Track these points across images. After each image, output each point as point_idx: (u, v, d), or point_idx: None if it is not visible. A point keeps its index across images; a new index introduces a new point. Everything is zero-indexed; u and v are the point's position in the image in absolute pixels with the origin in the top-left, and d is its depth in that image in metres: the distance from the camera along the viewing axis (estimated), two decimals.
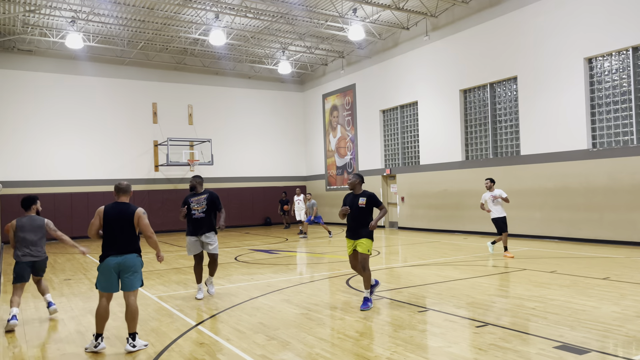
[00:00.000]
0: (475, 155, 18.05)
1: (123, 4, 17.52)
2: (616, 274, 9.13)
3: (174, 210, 23.94)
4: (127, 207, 5.70)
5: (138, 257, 5.70)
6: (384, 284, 9.02)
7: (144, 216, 5.75)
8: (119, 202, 5.77)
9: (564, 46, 14.78)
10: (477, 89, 17.94)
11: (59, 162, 21.80)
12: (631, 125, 13.44)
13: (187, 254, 8.45)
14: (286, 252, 14.43)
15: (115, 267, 5.56)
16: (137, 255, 5.70)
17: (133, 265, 5.61)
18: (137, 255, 5.69)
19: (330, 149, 26.09)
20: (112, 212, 5.66)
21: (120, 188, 5.82)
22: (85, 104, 22.47)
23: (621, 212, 13.38)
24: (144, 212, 5.80)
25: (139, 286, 5.71)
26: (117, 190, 5.82)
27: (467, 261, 11.43)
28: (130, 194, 5.92)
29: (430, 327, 6.07)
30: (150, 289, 9.14)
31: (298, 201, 20.51)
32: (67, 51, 21.58)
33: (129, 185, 5.93)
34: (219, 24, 18.97)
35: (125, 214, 5.65)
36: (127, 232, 5.63)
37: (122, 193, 5.81)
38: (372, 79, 22.77)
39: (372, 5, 17.67)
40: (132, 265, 5.60)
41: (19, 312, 6.96)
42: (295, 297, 8.10)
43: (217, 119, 25.54)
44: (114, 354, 5.47)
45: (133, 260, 5.62)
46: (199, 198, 8.38)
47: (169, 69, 24.52)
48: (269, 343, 5.64)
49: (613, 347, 5.09)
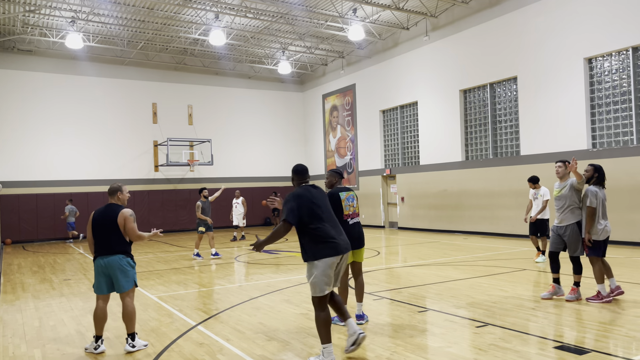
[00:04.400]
0: (475, 155, 18.05)
1: (123, 4, 17.52)
2: (616, 274, 9.11)
3: (174, 211, 23.96)
4: (112, 209, 5.63)
5: (124, 258, 5.56)
6: (384, 284, 9.02)
7: (130, 218, 5.59)
8: (108, 204, 5.74)
9: (564, 46, 14.78)
10: (477, 89, 17.94)
11: (59, 162, 21.80)
12: (631, 126, 13.44)
13: (319, 292, 4.83)
14: (286, 252, 14.43)
15: (102, 268, 5.54)
16: (123, 257, 5.56)
17: (119, 266, 5.52)
18: (123, 256, 5.56)
19: (330, 149, 26.09)
20: (99, 214, 5.65)
21: (108, 190, 5.84)
22: (85, 104, 22.47)
23: (621, 212, 13.38)
24: (131, 213, 5.64)
25: (130, 287, 5.59)
26: (107, 193, 5.86)
27: (467, 261, 11.43)
28: (120, 195, 5.79)
29: (430, 327, 6.07)
30: (150, 289, 9.14)
31: (236, 204, 18.46)
32: (67, 51, 21.58)
33: (115, 186, 5.82)
34: (218, 24, 18.97)
35: (110, 215, 5.58)
36: (112, 233, 5.54)
37: (110, 195, 5.80)
38: (372, 79, 22.77)
39: (372, 5, 17.66)
40: (117, 267, 5.51)
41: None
42: (295, 297, 8.10)
43: (217, 119, 25.54)
44: (114, 354, 5.47)
45: (117, 261, 5.51)
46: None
47: (169, 69, 24.52)
48: (269, 343, 5.64)
49: (613, 347, 5.09)
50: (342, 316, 5.21)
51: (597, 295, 7.07)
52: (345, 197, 6.28)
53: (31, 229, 20.88)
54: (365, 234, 6.46)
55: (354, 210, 6.32)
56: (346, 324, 5.13)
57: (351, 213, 6.28)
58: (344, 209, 6.22)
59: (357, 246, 6.26)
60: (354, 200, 6.37)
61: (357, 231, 6.28)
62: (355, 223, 6.29)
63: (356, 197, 6.47)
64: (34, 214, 20.88)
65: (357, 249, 6.30)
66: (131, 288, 5.61)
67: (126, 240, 5.62)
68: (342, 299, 5.50)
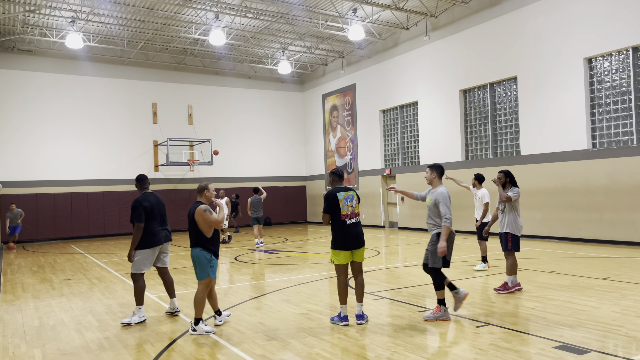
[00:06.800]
0: (475, 155, 18.05)
1: (123, 4, 17.52)
2: (616, 274, 9.13)
3: (174, 211, 23.94)
4: (193, 207, 6.25)
5: (201, 252, 6.17)
6: (384, 284, 9.02)
7: (205, 213, 6.13)
8: (194, 202, 6.36)
9: (564, 46, 14.78)
10: (477, 89, 17.94)
11: (59, 162, 21.79)
12: (631, 125, 13.44)
13: (138, 271, 6.81)
14: (286, 252, 14.43)
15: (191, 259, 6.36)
16: (200, 250, 6.17)
17: (194, 259, 6.22)
18: (200, 249, 6.18)
19: (330, 149, 26.09)
20: (189, 211, 6.32)
21: (197, 188, 6.53)
22: (85, 104, 22.46)
23: (621, 212, 13.39)
24: (205, 208, 6.16)
25: (202, 278, 6.19)
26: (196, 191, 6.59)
27: (466, 261, 11.44)
28: (207, 193, 6.36)
29: (430, 327, 6.07)
30: (150, 289, 9.13)
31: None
32: (67, 51, 21.58)
33: (202, 185, 6.40)
34: (218, 24, 18.97)
35: (190, 213, 6.24)
36: (191, 228, 6.23)
37: (197, 193, 6.47)
38: (372, 79, 22.77)
39: (372, 5, 17.66)
40: (194, 259, 6.23)
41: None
42: (295, 297, 8.10)
43: (217, 119, 25.53)
44: (114, 353, 5.47)
45: (194, 254, 6.22)
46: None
47: (169, 69, 24.51)
48: (269, 343, 5.64)
49: (613, 347, 5.09)
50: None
51: (504, 286, 7.77)
52: (344, 197, 6.27)
53: (31, 228, 20.87)
54: (365, 233, 6.45)
55: (352, 210, 6.29)
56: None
57: (349, 213, 6.26)
58: (341, 209, 6.23)
59: (356, 246, 6.25)
60: (353, 200, 6.33)
61: (356, 231, 6.26)
62: (353, 223, 6.27)
63: (356, 197, 6.43)
64: (34, 214, 20.87)
65: (357, 249, 6.29)
66: (204, 279, 6.16)
67: (203, 235, 6.18)
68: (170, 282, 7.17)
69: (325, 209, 6.30)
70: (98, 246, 18.41)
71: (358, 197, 6.49)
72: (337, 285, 6.34)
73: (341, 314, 6.26)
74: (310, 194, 27.89)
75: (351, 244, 6.21)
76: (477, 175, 10.27)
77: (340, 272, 6.30)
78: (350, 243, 6.22)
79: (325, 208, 6.31)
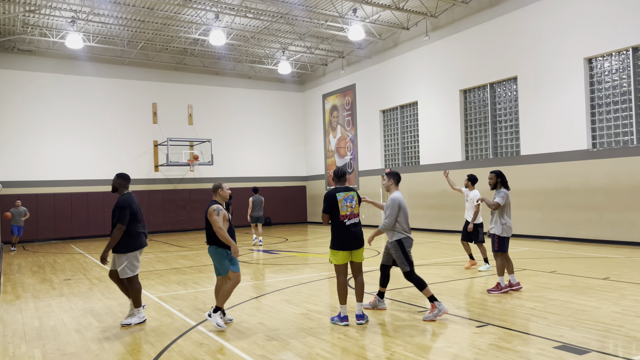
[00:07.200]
0: (475, 155, 18.05)
1: (123, 4, 17.52)
2: (616, 274, 9.13)
3: (174, 211, 23.97)
4: (208, 206, 6.37)
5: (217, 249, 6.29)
6: None
7: (213, 213, 6.23)
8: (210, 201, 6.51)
9: (564, 46, 14.78)
10: (477, 89, 17.95)
11: (59, 162, 21.80)
12: (631, 126, 13.44)
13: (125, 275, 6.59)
14: (286, 252, 14.43)
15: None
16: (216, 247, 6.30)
17: (212, 255, 6.38)
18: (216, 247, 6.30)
19: (330, 149, 26.09)
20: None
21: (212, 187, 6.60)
22: (85, 104, 22.46)
23: (621, 212, 13.39)
24: (216, 208, 6.25)
25: (222, 274, 6.35)
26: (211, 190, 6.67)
27: (467, 261, 11.43)
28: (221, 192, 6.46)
29: (430, 327, 6.07)
30: (150, 289, 9.14)
31: None
32: (67, 51, 21.58)
33: (216, 184, 6.48)
34: (219, 24, 18.97)
35: (206, 211, 6.35)
36: (207, 226, 6.34)
37: (212, 192, 6.54)
38: (372, 79, 22.77)
39: (372, 5, 17.66)
40: (212, 256, 6.39)
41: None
42: (295, 297, 8.10)
43: (217, 119, 25.54)
44: (114, 353, 5.47)
45: (211, 250, 6.36)
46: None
47: (169, 69, 24.51)
48: (269, 343, 5.64)
49: (613, 347, 5.09)
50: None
51: (497, 287, 7.77)
52: (343, 198, 6.27)
53: (31, 229, 20.87)
54: (365, 234, 6.46)
55: (351, 210, 6.28)
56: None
57: (348, 214, 6.25)
58: (340, 209, 6.23)
59: (355, 246, 6.25)
60: (352, 201, 6.31)
61: (355, 232, 6.26)
62: (352, 224, 6.27)
63: (357, 198, 6.41)
64: (34, 214, 20.86)
65: (356, 249, 6.29)
66: (224, 275, 6.33)
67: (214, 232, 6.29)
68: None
69: (325, 209, 6.31)
70: (98, 246, 18.40)
71: (359, 197, 6.47)
72: (337, 285, 6.34)
73: (341, 314, 6.26)
74: (310, 194, 27.89)
75: (349, 245, 6.22)
76: (470, 176, 10.19)
77: (339, 272, 6.30)
78: (349, 243, 6.22)
79: (324, 208, 6.32)
